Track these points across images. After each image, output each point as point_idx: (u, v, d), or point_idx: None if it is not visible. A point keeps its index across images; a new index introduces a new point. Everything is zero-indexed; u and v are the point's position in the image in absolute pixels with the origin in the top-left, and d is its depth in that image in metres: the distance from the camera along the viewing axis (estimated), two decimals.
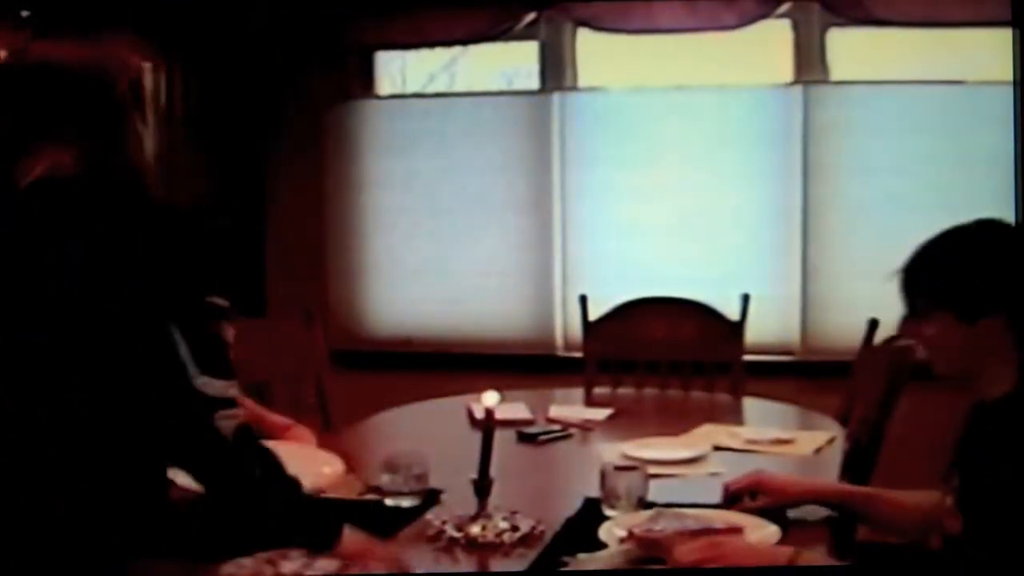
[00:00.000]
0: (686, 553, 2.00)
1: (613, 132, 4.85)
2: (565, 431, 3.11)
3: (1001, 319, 1.92)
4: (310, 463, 2.58)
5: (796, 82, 4.73)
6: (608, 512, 2.30)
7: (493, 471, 2.26)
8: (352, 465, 2.63)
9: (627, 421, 3.25)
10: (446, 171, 5.03)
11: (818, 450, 2.89)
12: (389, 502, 2.39)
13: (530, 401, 3.34)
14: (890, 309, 2.06)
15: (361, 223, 5.16)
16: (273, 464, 2.02)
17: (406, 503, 2.40)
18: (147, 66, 1.98)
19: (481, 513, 2.23)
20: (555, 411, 3.30)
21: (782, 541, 2.15)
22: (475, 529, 2.20)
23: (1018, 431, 1.87)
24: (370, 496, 2.44)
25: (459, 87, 5.25)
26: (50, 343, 1.77)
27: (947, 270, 1.98)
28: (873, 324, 3.38)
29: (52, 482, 1.81)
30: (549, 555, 2.12)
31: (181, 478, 2.04)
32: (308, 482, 2.22)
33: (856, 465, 2.88)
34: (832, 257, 4.61)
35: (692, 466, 2.73)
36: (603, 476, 2.34)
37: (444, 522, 2.25)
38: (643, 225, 4.83)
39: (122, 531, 1.89)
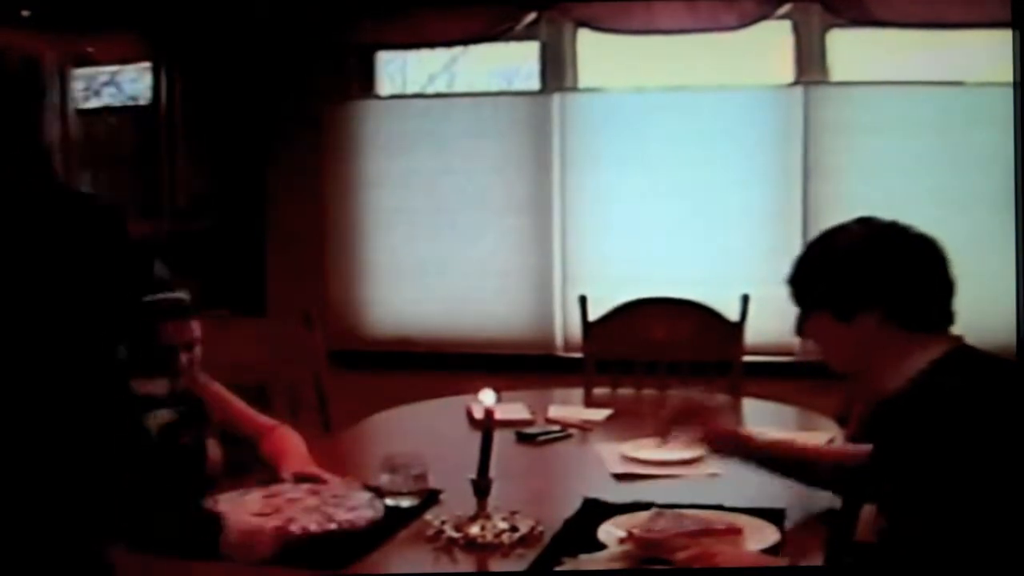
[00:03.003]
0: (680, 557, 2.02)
1: (613, 132, 4.85)
2: (564, 431, 3.11)
3: (876, 314, 1.94)
4: None
5: (796, 83, 4.73)
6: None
7: (492, 471, 2.26)
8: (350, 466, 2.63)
9: (626, 422, 3.24)
10: (446, 171, 5.03)
11: None
12: (388, 502, 2.39)
13: (529, 401, 3.34)
14: None
15: (361, 223, 5.16)
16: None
17: (405, 503, 2.40)
18: (51, 54, 1.94)
19: (480, 513, 2.23)
20: (554, 411, 3.29)
21: (780, 542, 2.16)
22: (474, 529, 2.20)
23: (914, 427, 1.88)
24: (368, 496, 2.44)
25: (459, 87, 5.25)
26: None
27: (819, 271, 2.02)
28: None
29: None
30: (548, 556, 2.12)
31: None
32: None
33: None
34: None
35: (691, 467, 2.73)
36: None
37: (443, 522, 2.25)
38: (643, 225, 4.83)
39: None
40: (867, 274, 1.95)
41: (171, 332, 2.63)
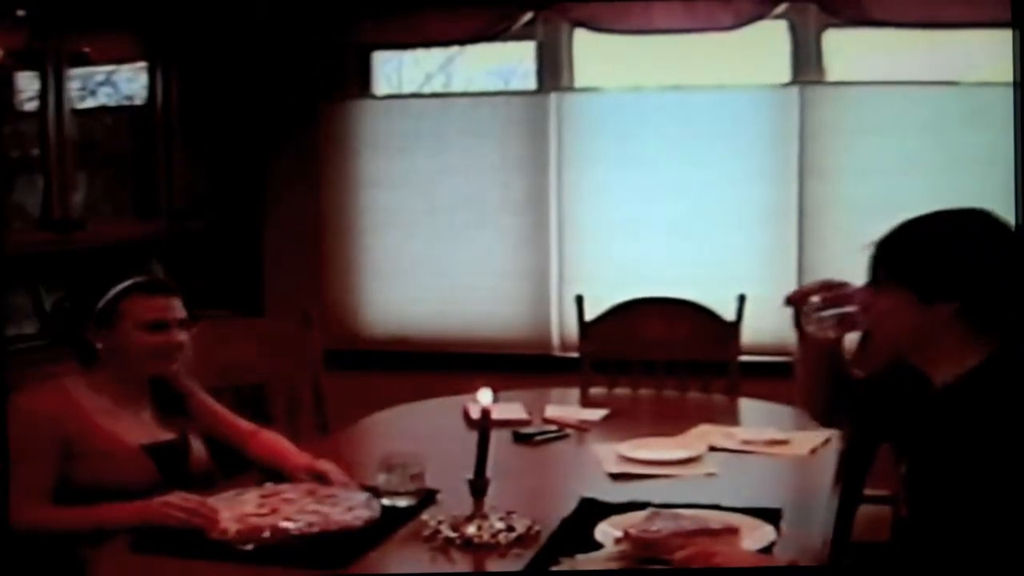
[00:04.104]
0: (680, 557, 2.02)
1: (610, 132, 4.85)
2: (561, 431, 3.11)
3: (955, 306, 1.92)
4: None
5: (793, 82, 4.73)
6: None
7: (489, 471, 2.27)
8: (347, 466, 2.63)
9: (623, 421, 3.25)
10: (443, 171, 5.02)
11: (813, 451, 2.89)
12: (385, 502, 2.39)
13: (526, 401, 3.35)
14: None
15: (358, 223, 5.15)
16: None
17: (402, 503, 2.40)
18: None
19: (477, 513, 2.23)
20: (551, 411, 3.30)
21: (777, 542, 2.16)
22: (471, 529, 2.21)
23: (964, 421, 1.88)
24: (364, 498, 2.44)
25: (456, 87, 5.24)
26: None
27: (915, 248, 1.99)
28: None
29: None
30: (545, 556, 2.12)
31: None
32: None
33: (852, 466, 2.88)
34: (828, 258, 4.60)
35: (688, 466, 2.74)
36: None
37: (440, 522, 2.25)
38: (639, 225, 4.82)
39: None
40: (965, 266, 1.93)
41: (143, 309, 2.58)
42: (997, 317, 1.93)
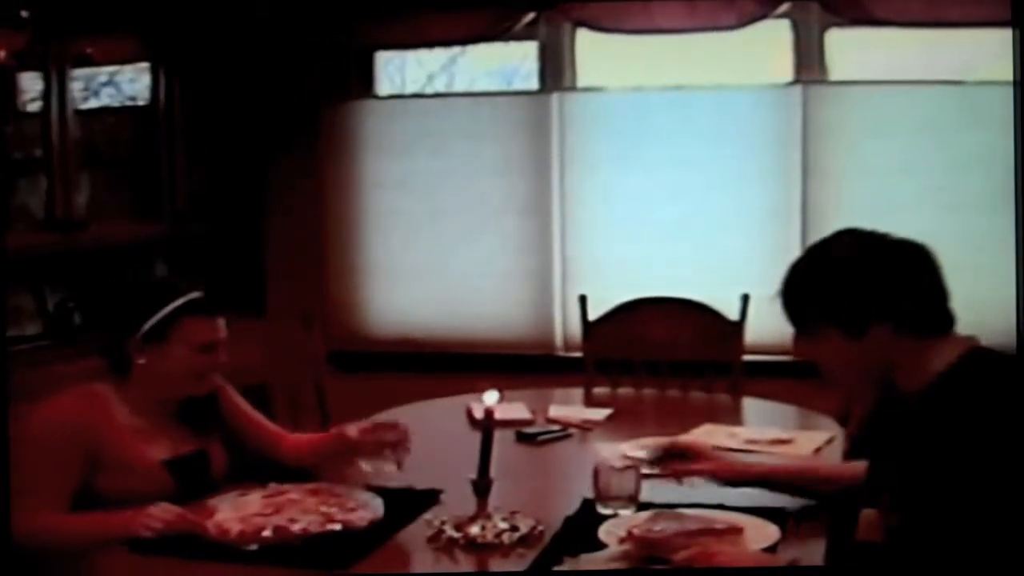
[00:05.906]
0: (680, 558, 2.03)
1: (612, 132, 4.85)
2: (564, 431, 3.11)
3: (888, 326, 1.92)
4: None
5: (795, 82, 4.73)
6: (601, 511, 2.30)
7: (492, 471, 2.27)
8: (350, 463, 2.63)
9: (626, 421, 3.25)
10: (445, 172, 5.02)
11: (817, 450, 2.89)
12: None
13: (530, 401, 3.35)
14: None
15: (360, 224, 5.15)
16: None
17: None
18: None
19: (480, 513, 2.24)
20: (554, 411, 3.30)
21: (781, 541, 2.16)
22: (474, 529, 2.21)
23: (936, 423, 1.87)
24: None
25: (458, 87, 5.25)
26: None
27: (821, 288, 1.97)
28: None
29: None
30: (549, 555, 2.13)
31: None
32: None
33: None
34: None
35: None
36: (596, 475, 2.35)
37: (444, 522, 2.25)
38: (642, 225, 4.83)
39: None
40: (874, 287, 1.92)
41: (197, 331, 2.54)
42: (931, 318, 1.92)
